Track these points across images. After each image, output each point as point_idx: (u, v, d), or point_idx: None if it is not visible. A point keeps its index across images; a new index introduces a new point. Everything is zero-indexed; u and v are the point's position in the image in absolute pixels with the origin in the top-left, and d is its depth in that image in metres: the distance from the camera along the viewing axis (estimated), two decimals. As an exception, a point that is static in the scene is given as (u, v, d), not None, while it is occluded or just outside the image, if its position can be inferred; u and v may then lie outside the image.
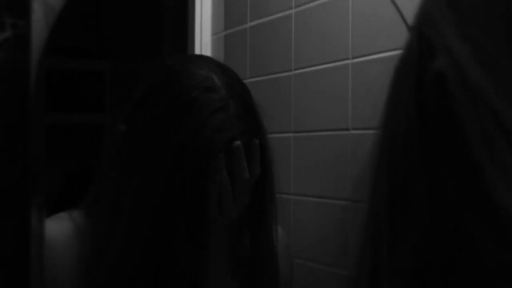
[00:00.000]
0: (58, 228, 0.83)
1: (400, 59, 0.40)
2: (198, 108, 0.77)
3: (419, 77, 0.37)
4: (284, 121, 1.22)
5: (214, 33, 1.48)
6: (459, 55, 0.35)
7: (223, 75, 0.82)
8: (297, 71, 1.21)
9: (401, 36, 0.98)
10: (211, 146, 0.77)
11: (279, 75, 1.25)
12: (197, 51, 1.47)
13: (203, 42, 1.47)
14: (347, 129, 1.07)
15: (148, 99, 0.82)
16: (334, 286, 1.09)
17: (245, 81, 1.33)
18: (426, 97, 0.36)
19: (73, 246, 0.82)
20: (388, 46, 0.99)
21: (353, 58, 1.07)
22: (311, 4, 1.17)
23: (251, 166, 0.81)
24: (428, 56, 0.36)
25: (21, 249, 0.60)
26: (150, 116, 0.80)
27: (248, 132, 0.80)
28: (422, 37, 0.38)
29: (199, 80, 0.79)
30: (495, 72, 0.34)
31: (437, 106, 0.36)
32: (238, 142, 0.78)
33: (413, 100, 0.37)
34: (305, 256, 1.12)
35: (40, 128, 0.61)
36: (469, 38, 0.35)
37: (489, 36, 0.34)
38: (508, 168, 0.32)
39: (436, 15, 0.37)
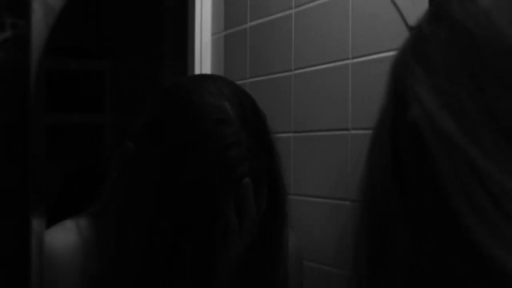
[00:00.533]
0: (63, 239, 0.82)
1: (377, 120, 0.43)
2: (210, 144, 0.75)
3: (395, 129, 0.40)
4: (284, 121, 1.22)
5: (214, 33, 1.48)
6: (428, 104, 0.37)
7: (237, 104, 0.79)
8: (297, 71, 1.21)
9: (401, 36, 0.98)
10: (221, 183, 0.75)
11: (279, 75, 1.25)
12: (197, 51, 1.47)
13: (203, 42, 1.47)
14: (347, 129, 1.07)
15: (158, 124, 0.80)
16: (333, 286, 1.09)
17: (245, 81, 1.33)
18: (402, 148, 0.39)
19: (78, 259, 0.81)
20: (388, 46, 0.99)
21: (353, 58, 1.07)
22: (311, 4, 1.17)
23: (258, 201, 0.80)
24: (401, 111, 0.39)
25: (21, 249, 0.60)
26: (159, 143, 0.78)
27: (259, 167, 0.79)
28: (396, 95, 0.40)
29: (212, 111, 0.77)
30: (464, 117, 0.36)
31: (413, 156, 0.38)
32: (247, 180, 0.77)
33: (390, 152, 0.39)
34: (305, 256, 1.12)
35: (40, 128, 0.61)
36: (437, 88, 0.37)
37: (455, 85, 0.37)
38: (486, 212, 0.34)
39: (405, 73, 0.40)
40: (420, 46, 0.40)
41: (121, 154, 0.82)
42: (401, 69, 0.41)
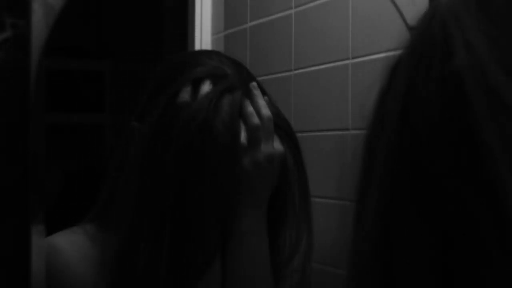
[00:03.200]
0: (69, 240, 0.81)
1: (409, 52, 0.37)
2: (208, 90, 0.77)
3: (432, 80, 0.34)
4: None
5: (214, 33, 1.48)
6: (480, 53, 0.32)
7: (233, 66, 0.83)
8: (297, 71, 1.21)
9: (401, 36, 0.98)
10: (232, 114, 0.77)
11: (279, 75, 1.25)
12: (197, 51, 1.47)
13: (203, 42, 1.47)
14: (347, 129, 1.07)
15: (159, 92, 0.81)
16: (333, 286, 1.09)
17: (245, 81, 1.33)
18: (440, 105, 0.33)
19: (88, 257, 0.80)
20: (388, 46, 0.99)
21: (353, 58, 1.07)
22: (311, 4, 1.17)
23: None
24: (444, 58, 0.33)
25: (21, 249, 0.60)
26: (162, 107, 0.79)
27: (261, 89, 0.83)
28: (445, 31, 0.34)
29: (210, 68, 0.80)
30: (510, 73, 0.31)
31: (450, 114, 0.32)
32: (254, 83, 0.82)
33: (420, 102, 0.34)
34: (305, 256, 1.13)
35: (40, 128, 0.62)
36: (492, 37, 0.32)
37: (507, 37, 0.32)
38: None
39: (462, 11, 0.34)
40: None
41: (127, 135, 0.82)
42: (456, 5, 0.35)
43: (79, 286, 0.79)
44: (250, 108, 0.79)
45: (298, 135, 1.20)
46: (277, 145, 0.81)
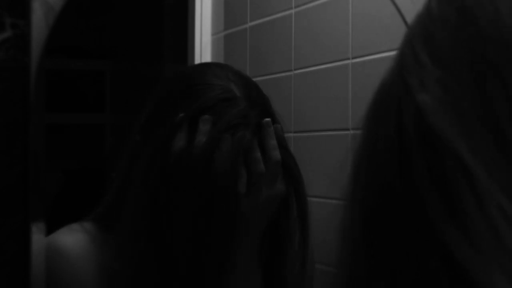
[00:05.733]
0: (72, 238, 0.80)
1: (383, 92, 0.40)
2: (218, 122, 0.74)
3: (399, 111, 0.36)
4: (284, 121, 1.22)
5: (214, 33, 1.48)
6: (422, 97, 0.34)
7: (242, 85, 0.79)
8: (297, 71, 1.21)
9: (401, 36, 0.98)
10: (232, 160, 0.74)
11: (279, 75, 1.25)
12: (197, 51, 1.47)
13: (203, 42, 1.47)
14: (347, 129, 1.07)
15: (164, 111, 0.79)
16: (333, 286, 1.09)
17: (245, 81, 1.33)
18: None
19: (90, 256, 0.80)
20: (388, 46, 0.99)
21: (353, 58, 1.07)
22: (311, 4, 1.17)
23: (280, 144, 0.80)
24: (406, 95, 0.36)
25: (21, 249, 0.61)
26: (167, 129, 0.76)
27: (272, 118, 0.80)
28: (400, 78, 0.37)
29: (218, 92, 0.77)
30: (459, 116, 0.32)
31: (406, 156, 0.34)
32: (268, 120, 0.77)
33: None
34: (305, 256, 1.13)
35: (40, 128, 0.62)
36: (440, 80, 0.34)
37: (456, 78, 0.33)
38: (468, 218, 0.30)
39: (409, 55, 0.37)
40: (428, 27, 0.37)
41: (129, 148, 0.81)
42: (407, 50, 0.37)
43: (82, 286, 0.79)
44: (257, 154, 0.76)
45: (298, 135, 1.20)
46: (279, 185, 0.79)
